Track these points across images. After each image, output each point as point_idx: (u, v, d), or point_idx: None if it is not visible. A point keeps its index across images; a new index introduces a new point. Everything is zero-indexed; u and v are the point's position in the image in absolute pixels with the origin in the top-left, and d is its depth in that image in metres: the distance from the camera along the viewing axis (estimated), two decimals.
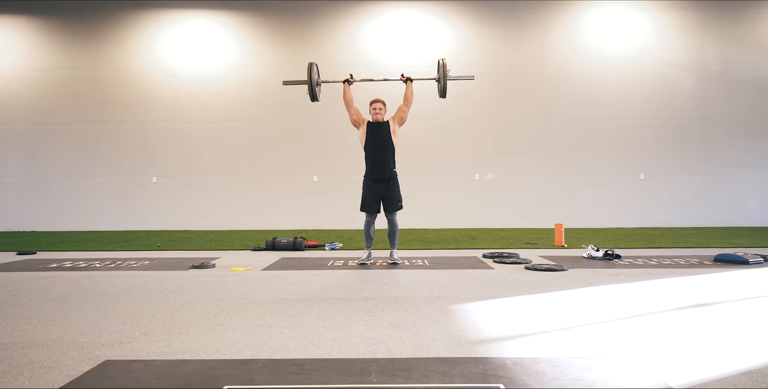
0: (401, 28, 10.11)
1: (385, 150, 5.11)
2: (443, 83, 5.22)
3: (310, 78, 5.19)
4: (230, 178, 10.09)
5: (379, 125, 5.15)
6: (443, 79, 5.19)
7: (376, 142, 5.10)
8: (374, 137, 5.11)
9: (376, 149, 5.10)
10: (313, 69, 5.23)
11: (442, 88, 5.26)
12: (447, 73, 5.16)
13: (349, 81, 5.32)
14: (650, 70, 9.96)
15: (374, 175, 5.12)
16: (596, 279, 4.14)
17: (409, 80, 5.33)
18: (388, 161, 5.12)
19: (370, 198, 5.13)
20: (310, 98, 5.34)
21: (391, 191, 5.12)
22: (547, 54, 10.03)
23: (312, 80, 5.21)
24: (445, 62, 5.20)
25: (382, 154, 5.09)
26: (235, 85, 10.11)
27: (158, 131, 10.12)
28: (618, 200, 9.96)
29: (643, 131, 9.95)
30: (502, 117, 10.05)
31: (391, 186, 5.14)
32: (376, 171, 5.11)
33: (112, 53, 10.13)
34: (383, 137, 5.10)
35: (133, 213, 10.04)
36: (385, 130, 5.13)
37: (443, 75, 5.18)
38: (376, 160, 5.10)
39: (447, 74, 5.17)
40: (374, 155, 5.11)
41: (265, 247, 6.43)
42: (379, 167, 5.09)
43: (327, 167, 10.06)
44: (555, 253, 6.01)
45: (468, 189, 10.05)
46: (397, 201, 5.15)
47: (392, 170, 5.16)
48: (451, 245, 6.81)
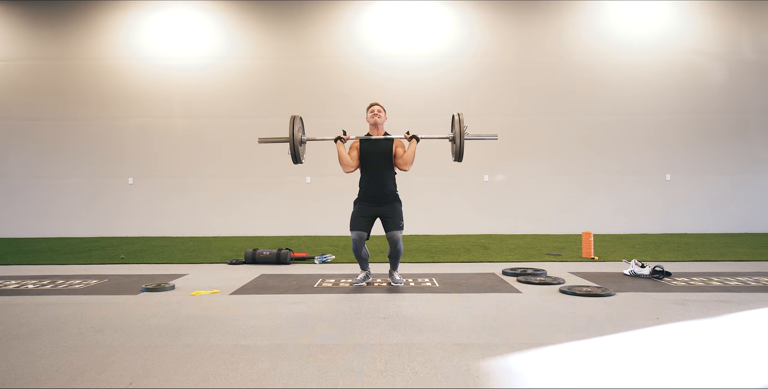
0: (402, 13, 9.17)
1: (384, 169, 4.13)
2: (459, 144, 4.14)
3: (293, 136, 4.17)
4: (214, 179, 9.14)
5: (377, 141, 4.16)
6: (459, 139, 4.13)
7: (374, 159, 4.13)
8: (371, 154, 4.14)
9: (373, 167, 4.12)
10: (295, 124, 4.22)
11: (458, 150, 4.18)
12: (464, 131, 4.13)
13: (341, 139, 4.24)
14: (677, 60, 9.02)
15: (370, 197, 4.14)
16: (660, 310, 3.18)
17: (415, 139, 4.25)
18: (387, 181, 4.15)
19: (361, 218, 4.14)
20: (293, 160, 4.32)
21: (390, 213, 4.13)
22: (562, 42, 9.09)
23: (294, 138, 4.20)
24: (461, 118, 4.17)
25: (380, 174, 4.12)
26: (218, 77, 9.17)
27: (135, 127, 9.17)
28: (642, 204, 9.01)
29: (669, 126, 9.01)
30: (513, 112, 9.10)
31: (390, 207, 4.16)
32: (372, 194, 4.13)
33: (85, 41, 9.19)
34: (382, 154, 4.13)
35: (106, 218, 9.09)
36: (385, 147, 4.15)
37: (459, 133, 4.11)
38: (372, 182, 4.13)
39: (464, 132, 4.13)
40: (369, 176, 4.14)
41: (245, 260, 5.47)
42: (376, 191, 4.13)
43: (321, 168, 9.11)
44: (586, 268, 5.06)
45: (476, 192, 9.10)
46: (399, 221, 4.17)
47: (393, 193, 4.20)
48: (462, 257, 5.86)
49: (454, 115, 4.27)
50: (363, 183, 4.21)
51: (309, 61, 9.17)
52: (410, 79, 9.05)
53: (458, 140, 4.16)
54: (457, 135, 4.16)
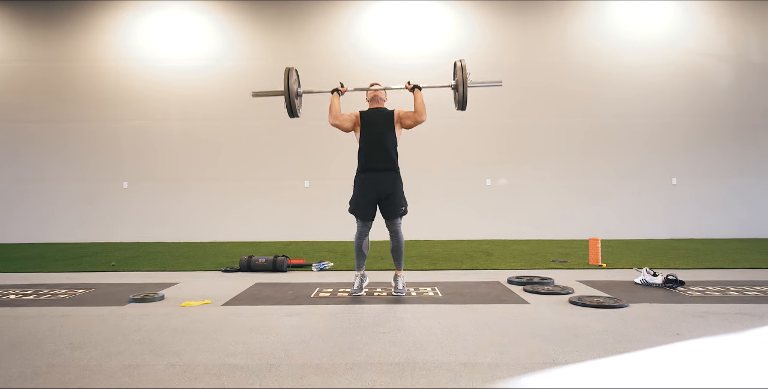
0: (402, 13, 9.00)
1: (385, 137, 3.99)
2: (462, 92, 4.04)
3: (288, 88, 4.04)
4: (210, 183, 8.95)
5: (379, 112, 4.05)
6: (462, 87, 4.02)
7: (375, 128, 4.00)
8: (372, 124, 4.01)
9: (375, 135, 4.00)
10: (291, 76, 4.09)
11: (461, 98, 4.08)
12: (467, 78, 4.01)
13: (338, 91, 4.15)
14: (682, 62, 8.84)
15: (370, 164, 3.99)
16: (678, 324, 2.98)
17: (417, 88, 4.15)
18: (389, 148, 4.00)
19: (362, 198, 3.99)
20: (288, 113, 4.19)
21: (391, 190, 3.98)
22: (565, 43, 8.92)
23: (290, 91, 4.06)
24: (464, 64, 4.05)
25: (382, 140, 3.99)
26: (215, 78, 8.99)
27: (130, 130, 8.98)
28: (647, 209, 8.81)
29: (675, 129, 8.82)
30: (515, 114, 8.92)
31: (391, 182, 4.01)
32: (372, 159, 3.99)
33: (80, 42, 9.01)
34: (383, 124, 4.01)
35: (100, 223, 8.89)
36: (387, 117, 4.03)
37: (462, 81, 4.00)
38: (374, 146, 3.99)
39: (467, 80, 4.00)
40: (371, 141, 4.00)
41: (239, 268, 5.28)
42: (377, 153, 3.98)
43: (320, 171, 8.93)
44: (594, 275, 4.86)
45: (478, 196, 8.91)
46: (400, 204, 4.02)
47: (394, 162, 4.05)
48: (465, 264, 5.67)
49: (456, 62, 4.16)
50: (362, 150, 4.06)
51: (308, 63, 8.97)
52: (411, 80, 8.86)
53: (461, 88, 4.05)
54: (460, 83, 4.06)
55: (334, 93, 4.14)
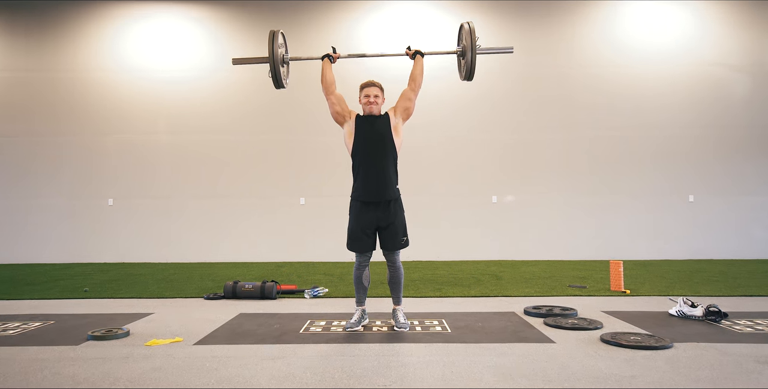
0: (404, 24, 8.58)
1: (383, 155, 3.51)
2: (470, 59, 3.58)
3: (273, 54, 3.61)
4: (200, 201, 8.44)
5: (375, 120, 3.57)
6: (470, 53, 3.56)
7: (370, 144, 3.51)
8: (367, 137, 3.52)
9: (370, 154, 3.51)
10: (275, 40, 3.66)
11: (468, 66, 3.63)
12: (475, 43, 3.57)
13: (330, 57, 3.76)
14: (696, 72, 8.40)
15: (367, 195, 3.51)
16: (747, 375, 2.46)
17: (419, 54, 3.71)
18: (388, 172, 3.51)
19: (360, 231, 3.50)
20: (274, 83, 3.77)
21: (391, 219, 3.50)
22: (574, 54, 8.49)
23: (275, 57, 3.63)
24: (472, 27, 3.61)
25: (379, 161, 3.50)
26: (207, 90, 8.54)
27: (116, 144, 8.50)
28: (663, 227, 8.29)
29: (691, 143, 8.35)
30: (522, 127, 8.45)
31: (392, 212, 3.52)
32: (369, 189, 3.50)
33: (65, 52, 8.57)
34: (380, 136, 3.52)
35: (83, 242, 8.36)
36: (383, 126, 3.55)
37: (470, 45, 3.56)
38: (370, 171, 3.50)
39: (475, 45, 3.56)
40: (367, 164, 3.51)
41: (224, 294, 4.75)
42: (375, 182, 3.50)
43: (317, 188, 8.43)
44: (620, 304, 4.34)
45: (484, 214, 8.39)
46: (401, 235, 3.53)
47: (394, 188, 3.55)
48: (473, 290, 5.14)
49: (463, 24, 3.70)
50: (358, 173, 3.57)
51: (304, 74, 8.55)
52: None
53: (469, 55, 3.57)
54: (468, 48, 3.58)
55: (325, 59, 3.71)
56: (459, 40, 3.82)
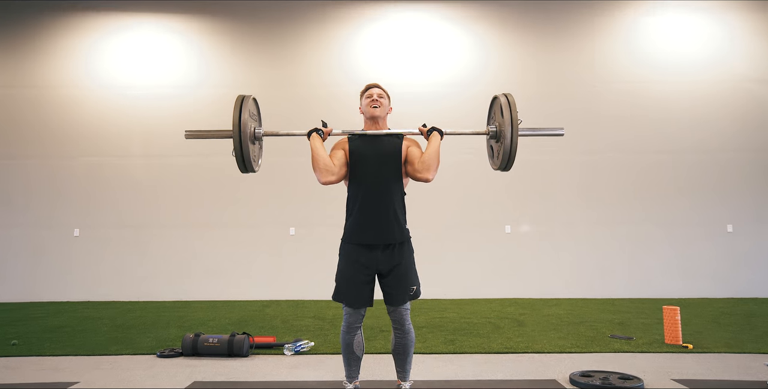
0: (405, 36, 7.81)
1: (387, 184, 2.62)
2: (509, 145, 2.64)
3: (239, 126, 2.65)
4: (178, 230, 7.51)
5: (378, 138, 2.68)
6: (510, 133, 2.62)
7: (370, 165, 2.63)
8: (366, 155, 2.65)
9: (369, 178, 2.62)
10: (244, 108, 2.69)
11: (507, 153, 2.68)
12: (517, 123, 2.63)
13: (320, 132, 2.74)
14: (733, 89, 7.58)
15: (364, 236, 2.61)
16: None
17: (437, 132, 2.74)
18: (392, 205, 2.61)
19: (353, 274, 2.57)
20: (239, 166, 2.81)
21: (396, 261, 2.60)
22: (594, 68, 7.69)
23: (242, 132, 2.67)
24: (511, 101, 2.70)
25: (381, 191, 2.61)
26: (188, 108, 7.69)
27: (84, 168, 7.61)
28: (697, 261, 7.34)
29: (729, 167, 7.47)
30: (537, 149, 7.56)
31: (397, 253, 2.60)
32: (367, 227, 2.61)
33: (36, 67, 7.75)
34: (385, 155, 2.64)
35: (43, 279, 7.38)
36: (390, 146, 2.66)
37: (510, 124, 2.62)
38: (369, 204, 2.60)
39: (517, 125, 2.63)
40: (365, 193, 2.61)
41: (182, 351, 3.78)
42: (375, 219, 2.61)
43: (308, 216, 7.49)
44: (689, 366, 3.37)
45: (496, 246, 7.44)
46: (410, 281, 2.60)
47: (401, 228, 2.65)
48: (494, 342, 4.18)
49: (499, 97, 2.75)
50: (353, 206, 2.67)
51: (294, 91, 7.75)
52: (417, 112, 7.57)
53: (509, 135, 2.61)
54: (506, 127, 2.61)
55: (314, 135, 2.71)
56: (490, 118, 2.89)
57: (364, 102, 2.76)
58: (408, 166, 2.68)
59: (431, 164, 2.59)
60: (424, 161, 2.60)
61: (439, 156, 2.62)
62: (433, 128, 2.75)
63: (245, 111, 2.69)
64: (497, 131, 2.76)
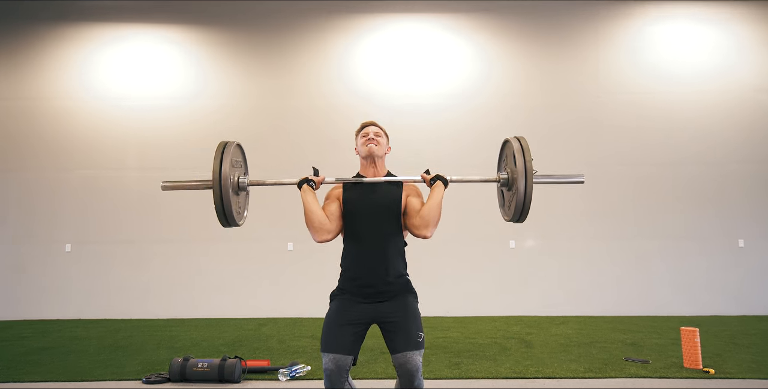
0: (406, 47, 7.66)
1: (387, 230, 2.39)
2: (522, 194, 2.38)
3: (219, 176, 2.41)
4: (172, 245, 7.29)
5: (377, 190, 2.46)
6: (524, 183, 2.37)
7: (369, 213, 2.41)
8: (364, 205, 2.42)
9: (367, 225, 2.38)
10: (225, 157, 2.45)
11: (520, 203, 2.41)
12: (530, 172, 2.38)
13: (311, 183, 2.53)
14: (741, 100, 7.42)
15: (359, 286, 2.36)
16: None
17: (441, 181, 2.54)
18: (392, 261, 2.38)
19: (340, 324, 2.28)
20: (221, 220, 2.50)
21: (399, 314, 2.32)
22: (599, 79, 7.53)
23: (222, 181, 2.41)
24: (525, 146, 2.47)
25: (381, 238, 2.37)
26: (184, 119, 7.51)
27: (77, 181, 7.42)
28: (708, 277, 7.10)
29: (739, 179, 7.27)
30: (541, 161, 7.28)
31: (398, 304, 2.35)
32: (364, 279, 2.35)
33: (30, 79, 7.59)
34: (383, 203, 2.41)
35: (32, 296, 7.14)
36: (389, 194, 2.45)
37: (524, 172, 2.38)
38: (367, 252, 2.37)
39: (531, 175, 2.38)
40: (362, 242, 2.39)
41: (169, 377, 3.54)
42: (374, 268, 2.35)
43: (307, 231, 7.25)
44: None
45: (500, 261, 7.21)
46: (415, 329, 2.30)
47: (402, 276, 2.41)
48: (502, 366, 3.94)
49: (510, 141, 2.50)
50: (348, 261, 2.41)
51: (293, 102, 7.59)
52: (418, 125, 7.41)
53: (524, 186, 2.33)
54: (520, 175, 2.35)
55: (305, 188, 2.47)
56: (501, 164, 2.65)
57: (360, 141, 2.54)
58: (406, 218, 2.43)
59: (430, 220, 2.34)
60: (423, 216, 2.35)
61: (441, 210, 2.38)
62: (437, 177, 2.51)
63: (227, 160, 2.42)
64: (509, 179, 2.52)
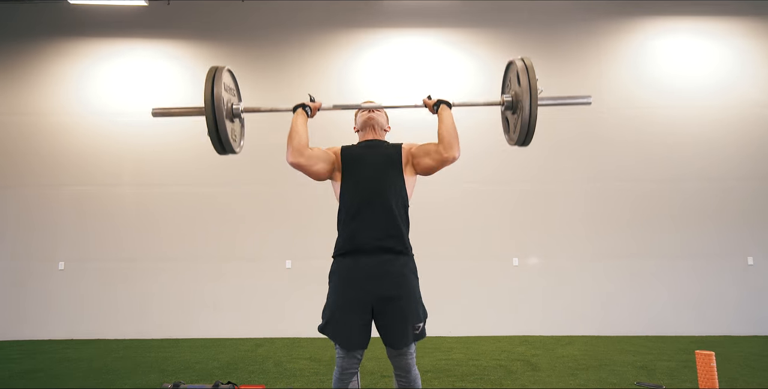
0: (407, 61, 7.60)
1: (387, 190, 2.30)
2: (527, 115, 2.33)
3: (212, 100, 2.36)
4: (168, 263, 7.13)
5: (377, 144, 2.40)
6: (528, 106, 2.32)
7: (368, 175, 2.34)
8: (362, 166, 2.36)
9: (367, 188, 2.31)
10: (218, 81, 2.45)
11: (525, 125, 2.37)
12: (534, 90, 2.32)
13: (307, 108, 2.54)
14: (744, 115, 7.33)
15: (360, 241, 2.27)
16: None
17: (444, 105, 2.53)
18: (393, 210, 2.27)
19: (346, 307, 2.23)
20: (215, 146, 2.53)
21: (396, 289, 2.24)
22: (602, 93, 7.44)
23: (215, 107, 2.37)
24: (529, 65, 2.41)
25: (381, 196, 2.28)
26: (181, 135, 7.40)
27: (72, 196, 7.29)
28: (716, 295, 6.94)
29: (746, 196, 7.14)
30: (543, 178, 7.28)
31: (396, 275, 2.25)
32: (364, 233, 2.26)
33: (26, 94, 7.51)
34: (384, 164, 2.34)
35: (25, 315, 6.97)
36: (390, 154, 2.37)
37: (529, 92, 2.33)
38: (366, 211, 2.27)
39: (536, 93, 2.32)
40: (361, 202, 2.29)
41: None
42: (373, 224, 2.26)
43: (306, 248, 7.12)
44: None
45: (503, 279, 7.05)
46: (414, 317, 2.24)
47: (401, 235, 2.29)
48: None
49: (515, 61, 2.44)
50: (345, 215, 2.32)
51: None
52: (419, 138, 7.28)
53: (528, 105, 2.30)
54: (524, 95, 2.31)
55: (299, 112, 2.43)
56: (505, 86, 2.61)
57: (360, 119, 2.50)
58: (423, 158, 2.40)
59: (453, 140, 2.36)
60: (444, 137, 2.36)
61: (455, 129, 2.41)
62: (440, 101, 2.53)
63: (219, 84, 2.41)
64: (513, 101, 2.47)
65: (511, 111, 2.57)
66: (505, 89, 2.66)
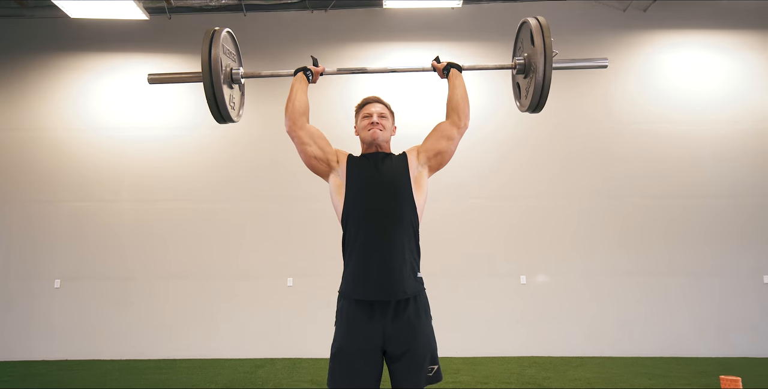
0: (409, 76, 7.48)
1: (395, 220, 2.09)
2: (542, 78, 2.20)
3: (209, 64, 2.27)
4: (166, 281, 6.95)
5: (382, 160, 2.23)
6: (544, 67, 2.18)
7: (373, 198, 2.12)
8: (367, 187, 2.16)
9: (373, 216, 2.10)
10: (215, 42, 2.33)
11: (538, 89, 2.24)
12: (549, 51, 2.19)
13: (308, 72, 2.41)
14: (754, 129, 7.17)
15: (366, 289, 2.05)
16: None
17: (455, 68, 2.41)
18: (401, 248, 2.07)
19: (355, 352, 2.03)
20: (214, 114, 2.43)
21: (409, 334, 2.04)
22: (610, 109, 7.31)
23: (212, 72, 2.25)
24: (544, 24, 2.25)
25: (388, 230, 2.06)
26: (182, 151, 7.28)
27: (69, 213, 7.14)
28: (731, 315, 6.71)
29: (762, 213, 6.95)
30: (553, 194, 7.11)
31: (409, 319, 2.06)
32: (370, 278, 2.04)
33: (24, 109, 7.41)
34: (390, 185, 2.15)
35: (19, 334, 6.77)
36: (397, 170, 2.19)
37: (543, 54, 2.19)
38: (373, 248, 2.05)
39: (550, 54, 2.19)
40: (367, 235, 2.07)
41: None
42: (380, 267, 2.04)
43: (308, 266, 6.93)
44: None
45: (511, 298, 6.84)
46: (428, 360, 2.04)
47: (412, 277, 2.11)
48: None
49: (528, 21, 2.29)
50: (351, 253, 2.10)
51: None
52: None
53: (542, 67, 2.15)
54: (538, 57, 2.17)
55: (300, 75, 2.36)
56: (516, 49, 2.49)
57: (362, 124, 2.31)
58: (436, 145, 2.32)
59: (467, 106, 2.28)
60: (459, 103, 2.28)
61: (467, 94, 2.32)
62: (450, 64, 2.41)
63: (216, 47, 2.30)
64: (525, 64, 2.34)
65: (524, 75, 2.45)
66: (516, 52, 2.53)
